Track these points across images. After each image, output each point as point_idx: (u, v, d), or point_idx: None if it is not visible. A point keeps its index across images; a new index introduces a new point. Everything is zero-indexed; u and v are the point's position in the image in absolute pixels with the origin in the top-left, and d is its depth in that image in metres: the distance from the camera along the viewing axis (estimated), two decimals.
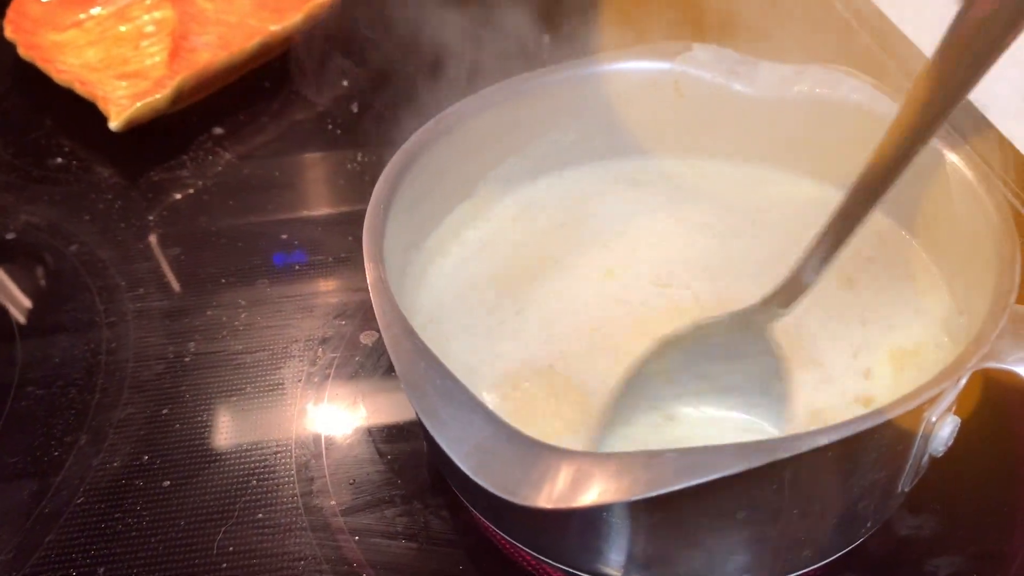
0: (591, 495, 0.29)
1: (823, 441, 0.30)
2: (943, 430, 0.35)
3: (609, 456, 0.31)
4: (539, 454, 0.30)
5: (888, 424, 0.31)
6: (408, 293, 0.44)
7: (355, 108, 0.71)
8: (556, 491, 0.29)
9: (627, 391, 0.40)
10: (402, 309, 0.36)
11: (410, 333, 0.34)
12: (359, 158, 0.66)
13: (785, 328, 0.40)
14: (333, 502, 0.45)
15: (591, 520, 0.35)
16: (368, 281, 0.37)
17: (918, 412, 0.33)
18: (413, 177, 0.43)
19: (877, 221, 0.46)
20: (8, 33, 0.75)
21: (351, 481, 0.46)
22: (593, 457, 0.30)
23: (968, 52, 0.29)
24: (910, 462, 0.36)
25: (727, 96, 0.49)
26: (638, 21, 0.53)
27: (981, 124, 0.57)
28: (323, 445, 0.48)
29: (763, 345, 0.40)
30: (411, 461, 0.47)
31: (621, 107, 0.51)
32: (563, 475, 0.30)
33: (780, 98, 0.49)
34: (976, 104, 0.60)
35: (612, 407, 0.40)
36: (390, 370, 0.51)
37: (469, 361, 0.43)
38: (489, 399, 0.41)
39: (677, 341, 0.40)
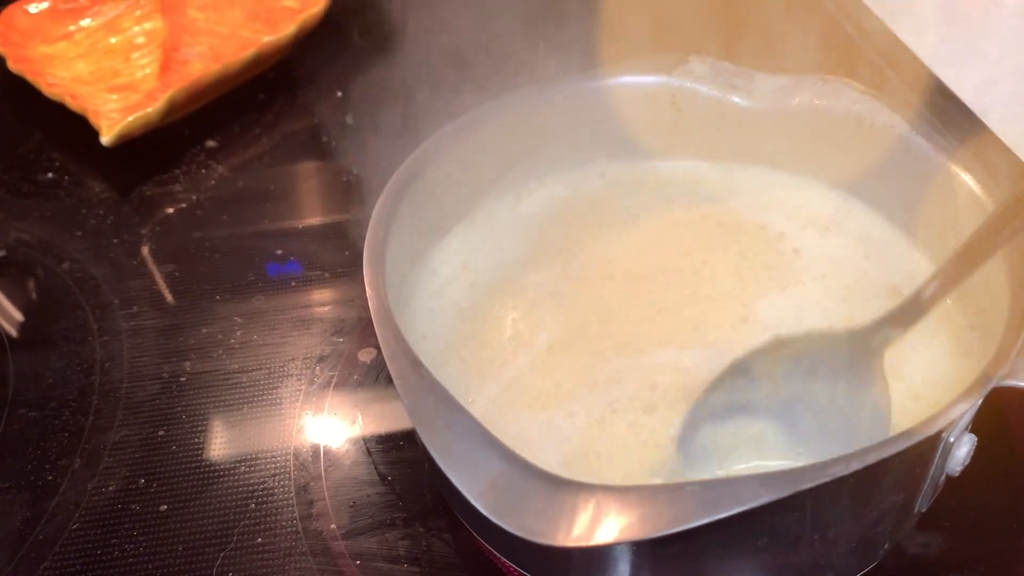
0: (612, 532, 0.29)
1: (847, 469, 0.29)
2: (961, 449, 0.34)
3: (629, 490, 0.30)
4: (556, 489, 0.30)
5: (908, 449, 0.31)
6: (407, 312, 0.44)
7: (350, 119, 0.70)
8: (576, 528, 0.29)
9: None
10: (403, 329, 0.35)
11: (417, 365, 0.33)
12: (354, 170, 0.65)
13: None
14: (333, 525, 0.44)
15: (608, 553, 0.34)
16: (371, 310, 0.36)
17: (938, 434, 0.33)
18: (412, 197, 0.43)
19: (888, 234, 0.46)
20: None
21: (351, 503, 0.45)
22: (613, 491, 0.30)
23: None
24: (927, 483, 0.35)
25: (725, 108, 0.49)
26: (634, 34, 0.53)
27: (983, 132, 0.57)
28: (323, 466, 0.47)
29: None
30: (412, 482, 0.46)
31: (619, 120, 0.50)
32: (582, 511, 0.29)
33: (779, 109, 0.48)
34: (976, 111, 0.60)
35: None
36: (389, 388, 0.50)
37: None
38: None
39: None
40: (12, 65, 0.72)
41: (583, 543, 0.29)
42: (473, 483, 0.30)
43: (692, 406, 0.39)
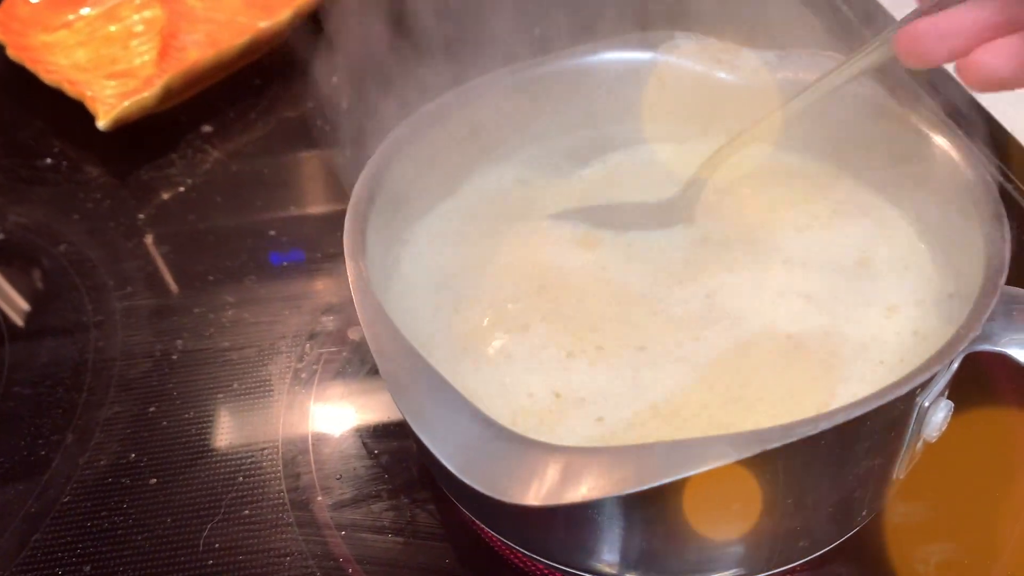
0: (580, 491, 0.29)
1: (814, 429, 0.29)
2: (936, 415, 0.34)
3: (598, 450, 0.30)
4: (526, 450, 0.30)
5: (880, 410, 0.31)
6: (390, 285, 0.44)
7: (344, 104, 0.70)
8: (545, 488, 0.29)
9: None
10: (386, 305, 0.36)
11: (393, 331, 0.34)
12: (348, 154, 0.66)
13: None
14: (320, 498, 0.44)
15: (581, 516, 0.34)
16: (349, 279, 0.36)
17: (910, 397, 0.33)
18: (395, 172, 0.43)
19: (868, 202, 0.46)
20: None
21: (338, 476, 0.45)
22: (582, 452, 0.30)
23: None
24: (904, 448, 0.35)
25: (710, 84, 0.49)
26: (621, 11, 0.53)
27: (972, 109, 0.57)
28: (310, 441, 0.47)
29: None
30: (399, 456, 0.46)
31: (605, 97, 0.50)
32: (551, 471, 0.29)
33: (764, 84, 0.48)
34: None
35: None
36: (376, 365, 0.50)
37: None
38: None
39: None
40: (11, 53, 0.72)
41: (552, 502, 0.29)
42: (444, 444, 0.31)
43: None
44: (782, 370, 0.39)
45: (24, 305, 0.57)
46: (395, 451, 0.46)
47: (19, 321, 0.56)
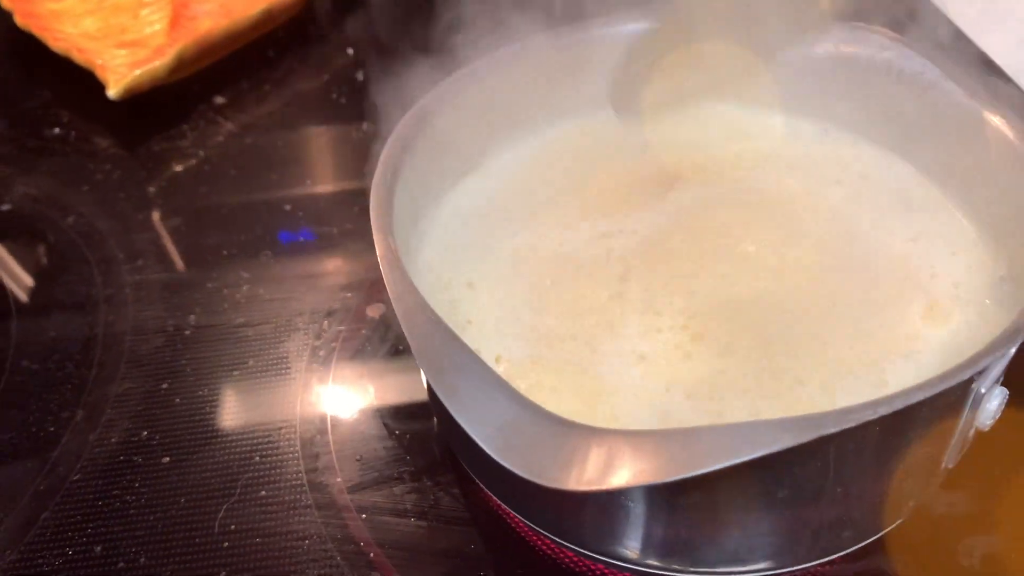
0: (624, 476, 0.27)
1: (874, 414, 0.28)
2: (992, 402, 0.33)
3: (642, 434, 0.29)
4: (568, 433, 0.28)
5: (937, 396, 0.29)
6: (417, 258, 0.42)
7: (360, 76, 0.69)
8: (587, 472, 0.27)
9: None
10: (412, 275, 0.34)
11: (424, 307, 0.32)
12: (364, 127, 0.64)
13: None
14: (339, 479, 0.43)
15: (618, 503, 0.33)
16: (378, 253, 0.35)
17: (968, 383, 0.31)
18: (421, 144, 0.41)
19: (918, 184, 0.44)
20: (5, 2, 0.72)
21: (358, 457, 0.44)
22: (625, 435, 0.28)
23: None
24: (956, 436, 0.34)
25: (746, 55, 0.47)
26: None
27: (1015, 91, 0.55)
28: (329, 421, 0.46)
29: None
30: (420, 436, 0.44)
31: (635, 67, 0.49)
32: (594, 455, 0.28)
33: (804, 56, 0.46)
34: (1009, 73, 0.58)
35: None
36: (398, 343, 0.49)
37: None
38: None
39: None
40: (19, 20, 0.71)
41: (595, 487, 0.28)
42: (482, 426, 0.29)
43: None
44: (826, 348, 0.37)
45: (32, 278, 0.55)
46: (417, 432, 0.45)
47: (27, 295, 0.54)
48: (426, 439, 0.44)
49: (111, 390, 0.48)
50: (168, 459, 0.45)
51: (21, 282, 0.55)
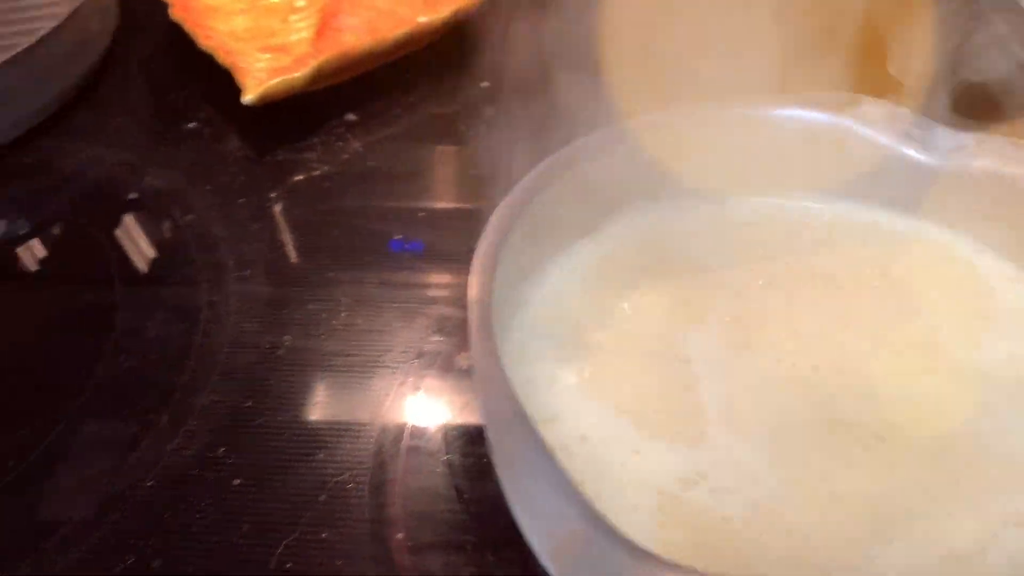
0: None
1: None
2: None
3: None
4: (639, 563, 0.26)
5: None
6: (510, 329, 0.41)
7: (492, 111, 0.68)
8: None
9: None
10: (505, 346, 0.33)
11: (511, 401, 0.30)
12: (487, 163, 0.63)
13: None
14: (400, 535, 0.42)
15: None
16: (471, 330, 0.33)
17: None
18: (531, 212, 0.40)
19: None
20: None
21: (422, 515, 0.43)
22: None
23: None
24: None
25: (895, 158, 0.44)
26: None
27: None
28: (400, 470, 0.45)
29: None
30: (489, 505, 0.43)
31: (772, 155, 0.46)
32: None
33: (958, 169, 0.43)
34: None
35: None
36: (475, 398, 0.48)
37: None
38: None
39: None
40: (174, 13, 0.73)
41: None
42: (548, 539, 0.28)
43: None
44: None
45: (142, 273, 0.56)
46: (486, 498, 0.43)
47: (134, 289, 0.55)
48: (494, 508, 0.43)
49: (198, 400, 0.48)
50: (239, 481, 0.45)
51: (132, 276, 0.56)
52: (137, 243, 0.58)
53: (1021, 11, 0.55)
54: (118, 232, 0.59)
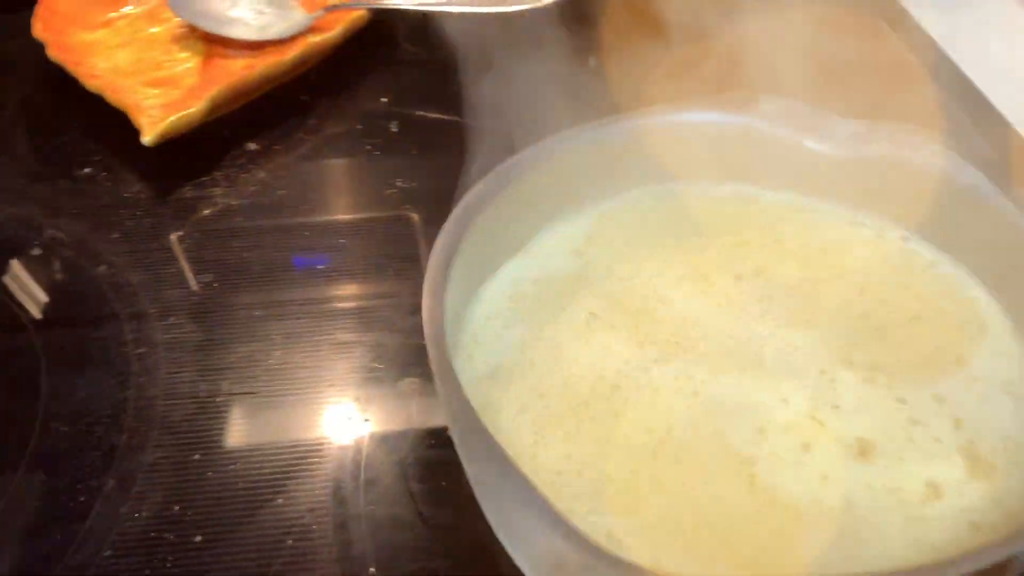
0: None
1: None
2: None
3: None
4: None
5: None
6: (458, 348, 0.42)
7: (394, 127, 0.68)
8: None
9: None
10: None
11: (481, 431, 0.32)
12: (398, 183, 0.64)
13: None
14: (372, 569, 0.43)
15: None
16: (432, 366, 0.34)
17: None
18: (468, 241, 0.41)
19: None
20: (37, 32, 0.72)
21: (392, 546, 0.44)
22: None
23: None
24: None
25: (797, 151, 0.47)
26: (703, 72, 0.51)
27: None
28: (362, 503, 0.45)
29: None
30: (456, 526, 0.44)
31: (684, 158, 0.49)
32: None
33: (855, 156, 0.46)
34: None
35: None
36: (430, 420, 0.49)
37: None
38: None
39: None
40: (52, 53, 0.70)
41: None
42: (537, 564, 0.29)
43: None
44: None
45: (62, 332, 0.55)
46: (451, 519, 0.44)
47: (57, 349, 0.54)
48: (461, 528, 0.44)
49: (143, 459, 0.48)
50: (200, 538, 0.44)
51: (51, 337, 0.54)
52: (52, 301, 0.56)
53: None
54: (27, 292, 0.57)
